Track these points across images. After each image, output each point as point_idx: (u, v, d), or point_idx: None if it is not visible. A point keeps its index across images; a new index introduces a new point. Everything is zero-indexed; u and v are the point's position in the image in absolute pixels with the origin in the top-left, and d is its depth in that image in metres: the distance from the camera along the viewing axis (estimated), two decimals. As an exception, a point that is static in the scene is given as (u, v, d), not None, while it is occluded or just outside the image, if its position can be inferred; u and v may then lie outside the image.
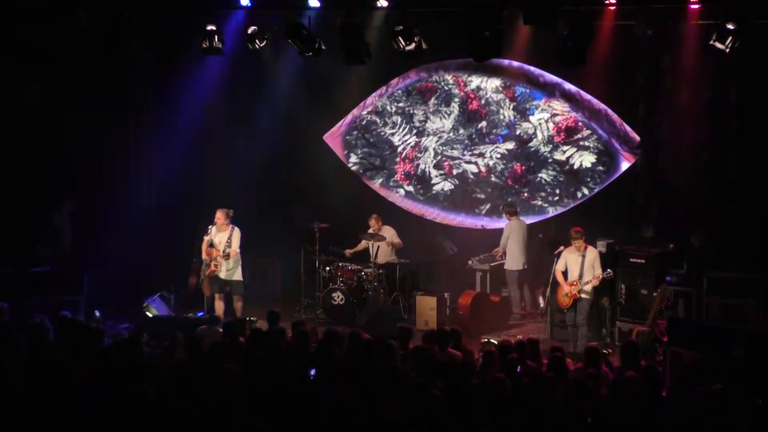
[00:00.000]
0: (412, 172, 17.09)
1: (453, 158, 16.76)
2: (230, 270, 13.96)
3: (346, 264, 15.28)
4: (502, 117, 16.40)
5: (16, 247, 14.69)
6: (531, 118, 16.20)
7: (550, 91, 16.01)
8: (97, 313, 13.18)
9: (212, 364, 8.68)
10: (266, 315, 11.25)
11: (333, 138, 17.48)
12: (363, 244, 15.50)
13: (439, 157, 16.88)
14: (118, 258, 15.06)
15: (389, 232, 15.34)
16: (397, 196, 17.21)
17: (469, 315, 14.18)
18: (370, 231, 15.39)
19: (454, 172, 16.78)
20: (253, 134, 16.64)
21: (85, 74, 15.27)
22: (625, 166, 15.58)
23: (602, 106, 15.66)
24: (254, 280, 15.20)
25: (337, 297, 14.87)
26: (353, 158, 17.48)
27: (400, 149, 17.15)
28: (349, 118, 17.36)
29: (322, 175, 16.90)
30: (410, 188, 17.12)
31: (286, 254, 16.08)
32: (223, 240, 13.89)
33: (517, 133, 16.30)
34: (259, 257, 15.63)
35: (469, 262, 15.39)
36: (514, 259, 15.02)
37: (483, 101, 16.48)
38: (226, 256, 13.81)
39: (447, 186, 16.90)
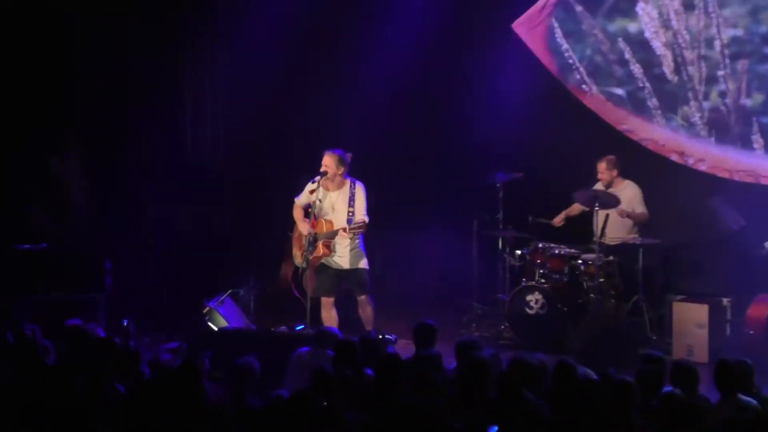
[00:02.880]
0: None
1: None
2: (351, 252, 13.94)
3: (550, 245, 15.34)
4: None
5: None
6: None
7: None
8: (126, 323, 13.37)
9: (317, 408, 8.71)
10: (412, 330, 11.29)
11: (529, 25, 17.20)
12: (577, 206, 15.57)
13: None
14: (161, 235, 15.37)
15: (629, 191, 15.32)
16: (648, 127, 16.72)
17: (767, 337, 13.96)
18: (598, 185, 15.35)
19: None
20: (381, 44, 16.77)
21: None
22: None
23: None
24: (392, 270, 15.23)
25: (535, 301, 14.99)
26: (563, 59, 17.12)
27: (659, 52, 16.69)
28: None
29: (507, 94, 16.71)
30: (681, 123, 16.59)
31: (446, 228, 16.27)
32: (338, 203, 13.94)
33: None
34: (399, 234, 15.70)
35: (767, 245, 15.11)
36: None
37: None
38: (350, 230, 13.64)
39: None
